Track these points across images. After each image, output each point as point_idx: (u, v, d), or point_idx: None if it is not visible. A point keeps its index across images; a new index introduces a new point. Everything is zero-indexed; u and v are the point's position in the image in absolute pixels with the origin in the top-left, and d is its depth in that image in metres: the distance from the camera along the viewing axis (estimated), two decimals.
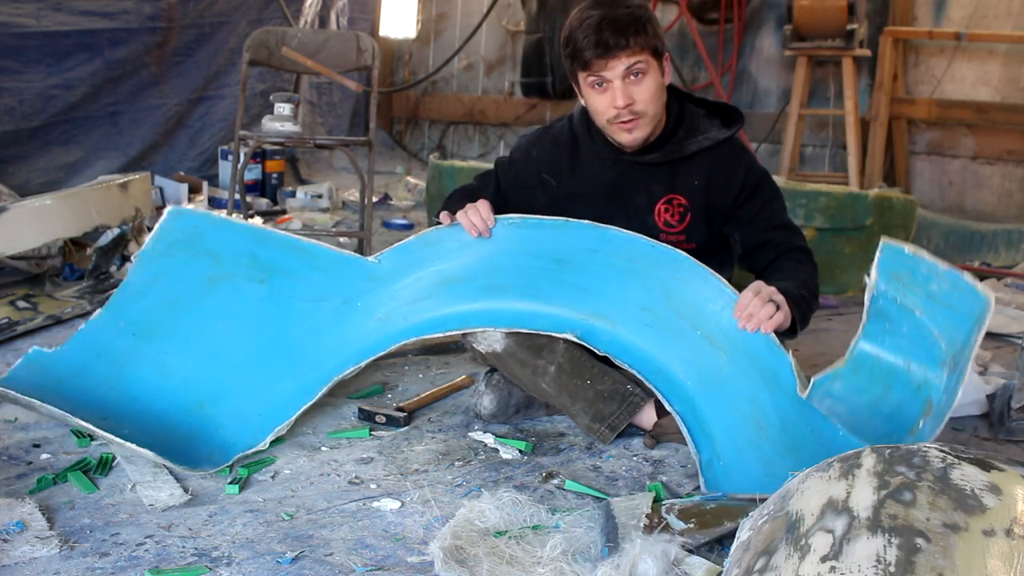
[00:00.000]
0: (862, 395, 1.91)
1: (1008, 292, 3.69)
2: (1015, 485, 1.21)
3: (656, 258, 2.12)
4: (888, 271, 1.87)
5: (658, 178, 2.26)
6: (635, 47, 2.09)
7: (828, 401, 1.94)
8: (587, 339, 2.10)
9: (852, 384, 1.92)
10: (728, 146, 2.27)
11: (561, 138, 2.35)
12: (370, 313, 2.22)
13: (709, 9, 5.85)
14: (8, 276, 3.14)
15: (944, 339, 1.78)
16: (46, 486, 1.92)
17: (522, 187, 2.37)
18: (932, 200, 5.50)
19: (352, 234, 3.99)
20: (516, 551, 1.65)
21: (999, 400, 2.43)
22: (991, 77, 5.42)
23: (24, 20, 4.03)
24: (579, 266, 2.16)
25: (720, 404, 2.03)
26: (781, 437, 1.97)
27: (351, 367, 2.17)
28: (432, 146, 6.89)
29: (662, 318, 2.10)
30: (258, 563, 1.65)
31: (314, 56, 4.06)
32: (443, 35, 6.84)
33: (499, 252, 2.19)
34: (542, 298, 2.15)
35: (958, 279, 1.76)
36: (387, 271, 2.24)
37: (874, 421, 1.88)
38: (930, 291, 1.80)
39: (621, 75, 2.11)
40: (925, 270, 1.81)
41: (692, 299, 2.08)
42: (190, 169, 4.95)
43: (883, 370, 1.90)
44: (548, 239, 2.18)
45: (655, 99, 2.16)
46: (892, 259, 1.87)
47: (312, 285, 2.24)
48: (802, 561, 1.19)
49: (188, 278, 2.24)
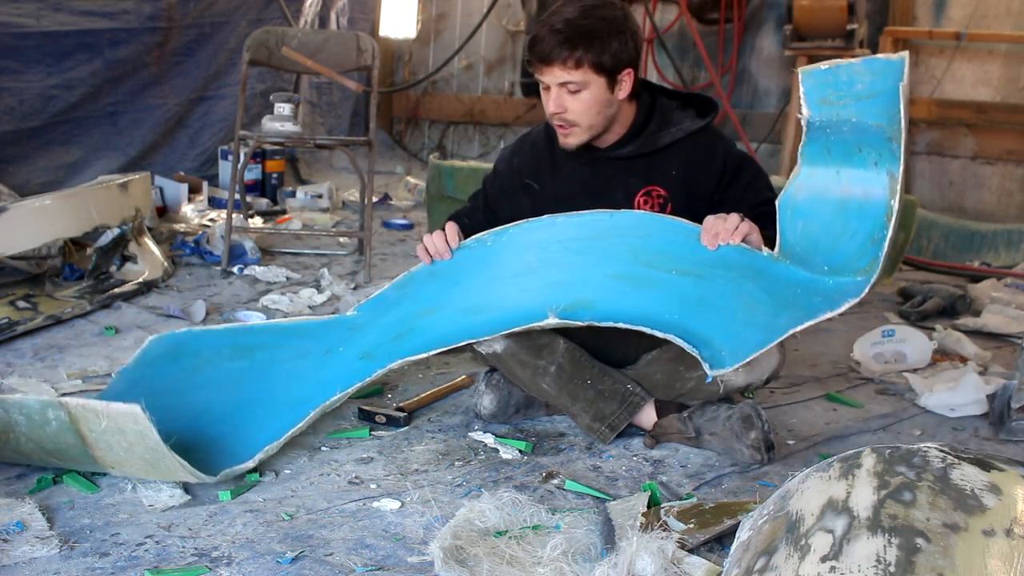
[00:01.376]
0: (827, 197, 1.94)
1: (1008, 292, 3.68)
2: (1015, 485, 1.21)
3: (617, 225, 2.14)
4: (815, 100, 1.90)
5: (635, 171, 2.27)
6: (570, 64, 2.12)
7: (800, 222, 1.97)
8: (566, 318, 2.09)
9: (813, 187, 1.96)
10: (704, 134, 2.28)
11: (539, 142, 2.38)
12: (353, 354, 2.24)
13: (709, 9, 5.84)
14: (8, 276, 3.14)
15: (884, 121, 1.81)
16: (46, 486, 1.92)
17: (508, 196, 2.39)
18: (932, 200, 5.49)
19: (352, 234, 3.99)
20: (516, 551, 1.65)
21: (999, 400, 2.43)
22: (991, 77, 5.42)
23: (24, 20, 4.03)
24: (550, 261, 2.16)
25: (708, 315, 2.05)
26: (771, 303, 1.99)
27: (337, 394, 2.16)
28: (432, 146, 6.88)
29: (635, 277, 2.11)
30: (258, 563, 1.65)
31: (314, 56, 4.06)
32: (443, 35, 6.84)
33: (470, 274, 2.21)
34: (518, 306, 2.14)
35: (872, 63, 1.80)
36: (366, 319, 2.27)
37: (846, 219, 1.91)
38: (857, 93, 1.83)
39: (556, 84, 2.15)
40: (845, 76, 1.84)
41: (659, 247, 2.10)
42: (190, 169, 4.95)
43: (837, 158, 1.92)
44: (513, 245, 2.19)
45: (589, 113, 2.18)
46: (814, 86, 1.90)
47: (293, 348, 2.27)
48: (802, 561, 1.19)
49: (170, 375, 2.22)
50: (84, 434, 1.84)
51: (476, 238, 2.22)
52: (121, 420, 1.79)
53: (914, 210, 3.79)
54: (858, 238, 1.89)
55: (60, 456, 1.93)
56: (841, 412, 2.55)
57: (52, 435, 1.86)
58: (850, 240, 1.90)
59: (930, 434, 2.42)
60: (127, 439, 1.82)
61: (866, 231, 1.87)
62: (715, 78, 5.71)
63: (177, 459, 1.84)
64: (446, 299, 2.21)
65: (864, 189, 1.88)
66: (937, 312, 3.50)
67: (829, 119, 1.89)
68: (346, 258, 4.06)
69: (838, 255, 1.92)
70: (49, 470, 1.97)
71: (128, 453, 1.85)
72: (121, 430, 1.81)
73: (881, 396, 2.68)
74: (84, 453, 1.88)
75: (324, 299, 3.39)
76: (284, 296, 3.36)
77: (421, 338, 2.19)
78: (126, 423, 1.79)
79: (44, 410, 1.84)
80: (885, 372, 2.83)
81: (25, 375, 2.50)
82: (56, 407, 1.82)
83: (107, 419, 1.81)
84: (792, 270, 1.96)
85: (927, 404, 2.57)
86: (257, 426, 2.12)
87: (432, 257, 2.23)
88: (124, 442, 1.83)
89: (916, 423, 2.49)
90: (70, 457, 1.92)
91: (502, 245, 2.20)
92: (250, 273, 3.67)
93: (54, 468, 1.98)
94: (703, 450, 2.20)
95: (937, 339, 3.03)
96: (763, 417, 2.15)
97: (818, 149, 1.95)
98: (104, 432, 1.82)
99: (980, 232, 4.60)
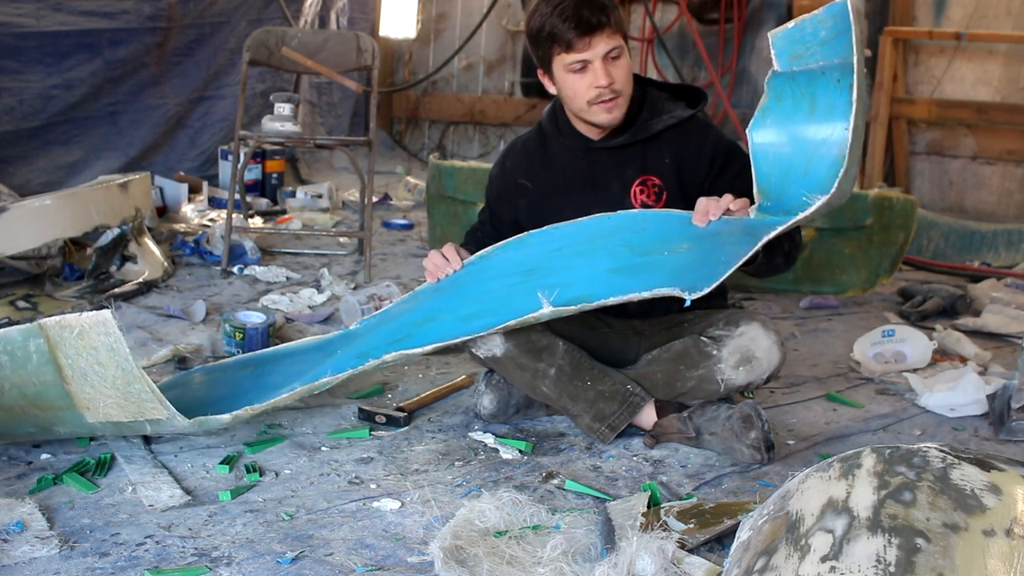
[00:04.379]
0: (795, 120, 1.99)
1: (1008, 292, 3.68)
2: (1015, 485, 1.21)
3: (613, 225, 2.16)
4: (786, 57, 1.96)
5: (629, 161, 2.29)
6: (614, 27, 2.17)
7: (771, 151, 2.01)
8: (560, 306, 2.07)
9: (780, 112, 2.00)
10: (694, 123, 2.31)
11: (531, 142, 2.41)
12: (350, 353, 2.25)
13: (709, 9, 5.84)
14: (8, 276, 3.14)
15: (847, 53, 1.87)
16: (46, 486, 1.92)
17: (505, 199, 2.41)
18: (932, 200, 5.50)
19: (352, 234, 3.99)
20: (516, 551, 1.65)
21: (999, 400, 2.43)
22: (991, 77, 5.42)
23: (24, 20, 4.03)
24: (547, 268, 2.17)
25: (693, 273, 2.04)
26: (751, 242, 2.00)
27: (328, 376, 2.16)
28: (432, 146, 6.89)
29: (630, 267, 2.12)
30: (258, 563, 1.65)
31: (314, 56, 4.06)
32: (443, 35, 6.84)
33: (470, 284, 2.23)
34: (515, 310, 2.14)
35: (832, 6, 1.86)
36: (367, 329, 2.31)
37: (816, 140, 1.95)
38: (822, 39, 1.89)
39: (602, 55, 2.17)
40: (811, 28, 1.91)
41: (654, 236, 2.12)
42: (190, 169, 4.95)
43: (801, 83, 1.96)
44: (512, 258, 2.21)
45: (630, 79, 2.24)
46: (784, 44, 1.96)
47: (294, 359, 2.34)
48: (802, 561, 1.19)
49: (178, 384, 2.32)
50: (60, 364, 1.83)
51: (480, 254, 2.25)
52: (93, 333, 1.78)
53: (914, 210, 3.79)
54: (828, 158, 1.92)
55: (41, 404, 1.91)
56: (841, 412, 2.55)
57: (33, 373, 1.85)
58: (820, 161, 1.94)
59: (930, 434, 2.42)
60: (99, 358, 1.81)
61: (835, 150, 1.91)
62: (715, 78, 5.71)
63: (147, 380, 1.83)
64: (446, 309, 2.23)
65: (829, 107, 1.93)
66: (937, 312, 3.50)
67: (797, 69, 1.96)
68: (346, 258, 4.06)
69: (812, 178, 1.94)
70: (49, 470, 1.97)
71: (101, 380, 1.84)
72: (93, 347, 1.80)
73: (881, 396, 2.68)
74: (61, 393, 1.87)
75: (324, 299, 3.39)
76: (284, 296, 3.36)
77: (418, 341, 2.20)
78: (97, 336, 1.79)
79: (26, 341, 1.82)
80: (885, 372, 2.83)
81: None
82: (36, 334, 1.81)
83: (79, 332, 1.79)
84: (776, 220, 1.98)
85: (927, 404, 2.57)
86: (244, 400, 2.15)
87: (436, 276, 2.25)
88: (96, 363, 1.82)
89: (916, 423, 2.49)
90: (49, 403, 1.90)
91: (504, 256, 2.22)
92: (250, 273, 3.67)
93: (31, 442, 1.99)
94: (703, 450, 2.20)
95: (937, 339, 3.03)
96: (763, 417, 2.15)
97: (783, 79, 2.00)
98: (78, 354, 1.81)
99: (980, 232, 4.60)
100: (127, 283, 3.28)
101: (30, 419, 1.97)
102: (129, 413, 1.90)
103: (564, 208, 2.25)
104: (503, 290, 2.19)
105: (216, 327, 2.94)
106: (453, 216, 4.00)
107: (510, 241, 2.24)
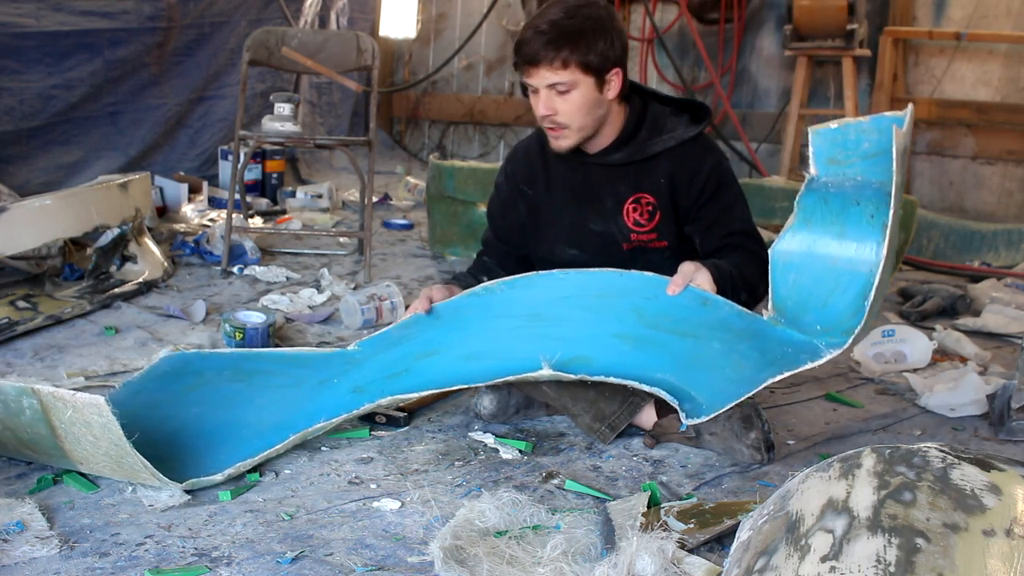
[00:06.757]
0: (820, 251, 1.92)
1: (1008, 292, 3.68)
2: (1015, 485, 1.21)
3: (625, 285, 2.11)
4: (824, 159, 1.88)
5: (624, 178, 2.27)
6: (557, 64, 2.11)
7: (792, 275, 1.96)
8: (560, 371, 2.08)
9: (807, 238, 1.94)
10: (695, 144, 2.26)
11: (532, 148, 2.39)
12: (346, 386, 2.22)
13: (709, 9, 5.84)
14: (8, 276, 3.13)
15: (886, 178, 1.80)
16: (46, 486, 1.92)
17: (512, 206, 2.41)
18: (932, 200, 5.49)
19: (352, 234, 3.99)
20: (516, 551, 1.65)
21: (999, 400, 2.43)
22: (991, 77, 5.42)
23: (24, 20, 4.03)
24: (555, 316, 2.14)
25: (697, 374, 2.05)
26: (760, 360, 1.99)
27: (321, 422, 2.13)
28: (432, 146, 6.89)
29: (636, 337, 2.11)
30: (258, 563, 1.65)
31: (314, 56, 4.06)
32: (443, 35, 6.84)
33: (473, 318, 2.19)
34: (516, 356, 2.13)
35: (879, 120, 1.79)
36: (365, 355, 2.25)
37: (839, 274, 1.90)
38: (864, 152, 1.82)
39: (544, 86, 2.14)
40: (854, 135, 1.83)
41: (663, 308, 2.08)
42: (190, 169, 4.95)
43: (833, 210, 1.90)
44: (518, 297, 2.17)
45: (579, 113, 2.16)
46: (824, 144, 1.87)
47: (289, 376, 2.25)
48: (802, 561, 1.19)
49: (170, 390, 2.20)
50: (54, 425, 1.83)
51: (485, 286, 2.19)
52: (87, 411, 1.78)
53: (914, 210, 3.79)
54: (850, 294, 1.88)
55: (34, 448, 1.93)
56: (841, 412, 2.55)
57: (26, 424, 1.86)
58: (842, 296, 1.89)
59: (930, 434, 2.42)
60: (92, 432, 1.81)
61: (858, 288, 1.86)
62: (715, 78, 5.71)
63: (139, 458, 1.82)
64: (447, 343, 2.20)
65: (857, 243, 1.87)
66: (937, 312, 3.50)
67: (835, 178, 1.88)
68: (346, 258, 4.06)
69: (830, 312, 1.91)
70: (49, 470, 1.97)
71: (94, 448, 1.84)
72: (87, 422, 1.80)
73: (881, 396, 2.68)
74: (55, 445, 1.88)
75: (324, 299, 3.39)
76: (284, 296, 3.36)
77: (416, 379, 2.18)
78: (91, 415, 1.79)
79: (19, 397, 1.83)
80: (885, 372, 2.83)
81: (25, 375, 2.50)
82: (29, 394, 1.82)
83: (73, 409, 1.80)
84: (789, 333, 1.95)
85: (927, 404, 2.57)
86: (236, 444, 2.10)
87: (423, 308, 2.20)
88: (90, 435, 1.82)
89: (916, 423, 2.49)
90: (43, 450, 1.92)
91: (510, 295, 2.17)
92: (250, 273, 3.67)
93: (26, 461, 1.99)
94: (703, 450, 2.20)
95: (937, 339, 3.03)
96: (763, 417, 2.15)
97: (815, 200, 1.93)
98: (71, 423, 1.82)
99: (980, 232, 4.60)
100: (127, 283, 3.28)
101: (25, 456, 2.00)
102: (122, 475, 1.92)
103: (559, 218, 2.24)
104: (506, 332, 2.17)
105: (216, 327, 2.94)
106: (453, 216, 4.00)
107: (517, 278, 2.17)
